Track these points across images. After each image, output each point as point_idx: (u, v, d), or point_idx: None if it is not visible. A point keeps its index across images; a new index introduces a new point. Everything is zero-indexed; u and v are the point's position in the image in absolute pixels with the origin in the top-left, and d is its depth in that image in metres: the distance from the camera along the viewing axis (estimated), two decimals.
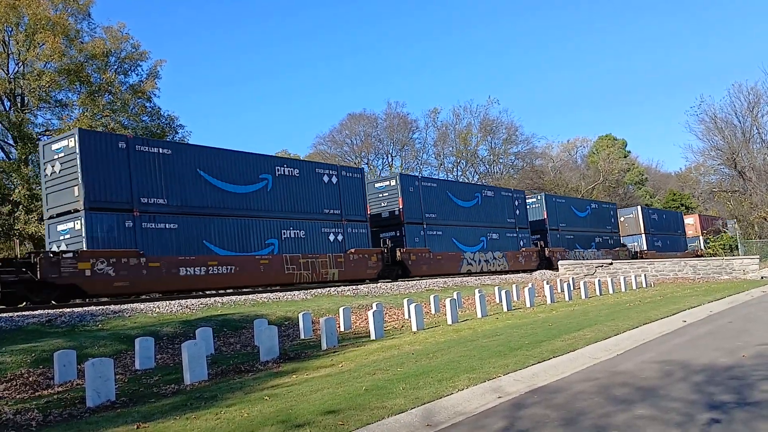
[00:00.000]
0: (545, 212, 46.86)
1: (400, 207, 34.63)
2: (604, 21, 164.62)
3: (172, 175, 24.14)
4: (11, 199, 37.38)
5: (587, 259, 45.45)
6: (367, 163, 73.01)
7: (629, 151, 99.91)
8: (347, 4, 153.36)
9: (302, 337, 15.74)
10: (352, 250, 30.69)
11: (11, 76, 39.73)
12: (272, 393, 8.35)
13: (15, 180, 37.96)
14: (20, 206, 37.20)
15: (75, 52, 41.08)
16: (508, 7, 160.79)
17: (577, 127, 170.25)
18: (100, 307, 19.04)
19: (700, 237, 66.58)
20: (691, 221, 69.11)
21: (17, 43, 39.23)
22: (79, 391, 9.69)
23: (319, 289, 25.34)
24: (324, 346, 13.28)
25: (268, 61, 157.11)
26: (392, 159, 75.69)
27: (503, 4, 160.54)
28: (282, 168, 28.58)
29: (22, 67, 40.09)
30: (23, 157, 38.61)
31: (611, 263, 36.19)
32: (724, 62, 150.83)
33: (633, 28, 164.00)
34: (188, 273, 23.84)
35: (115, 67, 44.12)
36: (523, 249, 43.13)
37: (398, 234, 34.60)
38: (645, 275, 30.35)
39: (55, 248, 22.07)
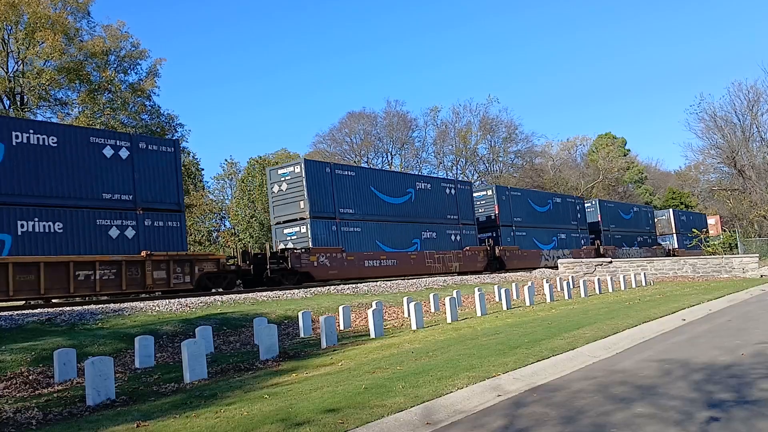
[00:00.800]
0: (599, 215, 55.56)
1: (496, 212, 42.88)
2: (604, 19, 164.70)
3: (357, 191, 33.12)
4: None
5: (632, 257, 50.90)
6: (366, 162, 72.98)
7: (629, 150, 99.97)
8: (347, 2, 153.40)
9: (302, 335, 15.75)
10: (467, 248, 38.93)
11: (11, 75, 39.75)
12: (272, 391, 8.36)
13: None
14: None
15: (74, 50, 41.11)
16: (507, 5, 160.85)
17: (576, 126, 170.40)
18: (100, 305, 19.06)
19: (721, 236, 68.76)
20: (712, 221, 73.11)
21: (17, 42, 39.27)
22: (79, 390, 9.70)
23: (318, 288, 25.37)
24: (324, 344, 13.29)
25: (267, 59, 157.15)
26: (392, 158, 75.74)
27: (502, 2, 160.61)
28: (420, 183, 37.48)
29: (21, 65, 40.12)
30: None
31: (611, 261, 36.21)
32: (723, 60, 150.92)
33: (632, 25, 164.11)
34: (369, 264, 32.38)
35: (115, 65, 44.17)
36: (584, 247, 50.81)
37: (495, 235, 42.49)
38: (645, 274, 30.37)
39: (282, 246, 30.28)
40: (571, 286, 24.72)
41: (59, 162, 21.59)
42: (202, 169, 63.60)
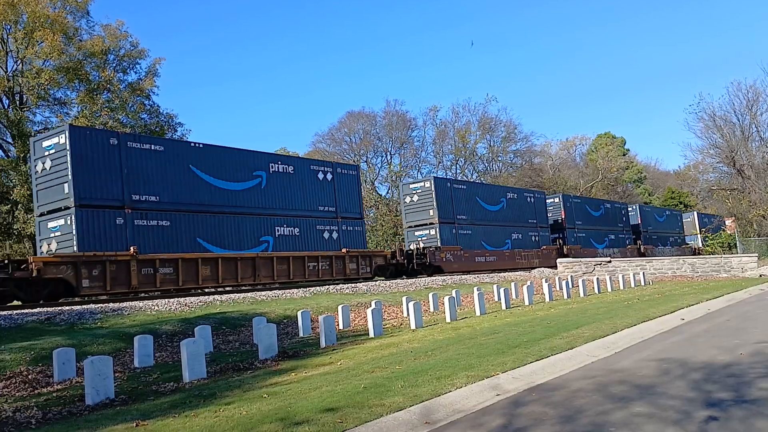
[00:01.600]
0: (639, 218, 61.83)
1: (563, 217, 50.35)
2: (603, 18, 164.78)
3: (468, 201, 40.50)
4: (10, 198, 37.35)
5: (666, 255, 56.52)
6: (365, 161, 72.98)
7: (628, 149, 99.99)
8: (346, 1, 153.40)
9: (301, 335, 15.75)
10: (544, 247, 46.05)
11: (10, 74, 39.72)
12: (271, 391, 8.36)
13: (13, 178, 37.92)
14: (19, 205, 37.18)
15: (74, 49, 41.08)
16: (506, 4, 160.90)
17: (575, 125, 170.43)
18: (99, 305, 19.06)
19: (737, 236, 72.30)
20: (729, 222, 75.28)
21: (16, 41, 39.23)
22: (79, 389, 9.70)
23: (318, 287, 25.38)
24: (323, 344, 13.30)
25: (266, 58, 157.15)
26: (391, 157, 75.69)
27: (501, 1, 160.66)
28: (509, 194, 44.83)
29: (20, 65, 40.10)
30: (22, 156, 38.60)
31: (609, 261, 36.24)
32: (722, 60, 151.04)
33: (632, 25, 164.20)
34: (479, 260, 39.48)
35: (114, 65, 44.14)
36: (629, 246, 58.03)
37: (562, 235, 49.82)
38: (643, 273, 30.39)
39: (413, 246, 36.72)
40: (570, 286, 24.73)
41: (295, 184, 29.43)
42: None
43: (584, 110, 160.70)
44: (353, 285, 26.80)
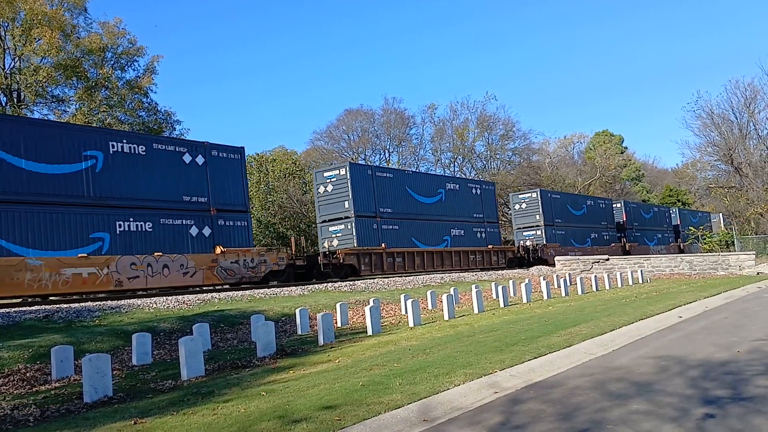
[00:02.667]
0: (679, 220, 70.50)
1: (624, 219, 59.88)
2: (601, 16, 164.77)
3: (563, 209, 51.26)
4: None
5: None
6: (364, 159, 72.95)
7: (626, 147, 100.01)
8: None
9: (299, 332, 15.76)
10: (613, 244, 56.25)
11: (8, 72, 39.65)
12: (269, 388, 8.37)
13: None
14: None
15: (71, 47, 41.01)
16: (504, 2, 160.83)
17: (573, 123, 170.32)
18: (98, 302, 19.06)
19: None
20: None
21: (14, 38, 39.16)
22: (77, 387, 9.70)
23: (316, 285, 25.39)
24: (321, 341, 13.31)
25: (264, 56, 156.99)
26: (389, 155, 75.67)
27: (498, 0, 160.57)
28: (589, 201, 56.53)
29: (18, 62, 40.02)
30: None
31: (608, 259, 36.25)
32: (721, 58, 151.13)
33: (630, 23, 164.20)
34: (573, 255, 43.88)
35: (112, 62, 44.07)
36: (672, 244, 67.23)
37: (624, 234, 59.18)
38: (641, 271, 30.41)
39: (522, 243, 47.19)
40: (569, 284, 24.76)
41: (461, 199, 41.03)
42: None
43: (582, 108, 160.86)
44: (351, 283, 26.82)
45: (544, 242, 46.73)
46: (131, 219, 23.06)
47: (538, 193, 48.66)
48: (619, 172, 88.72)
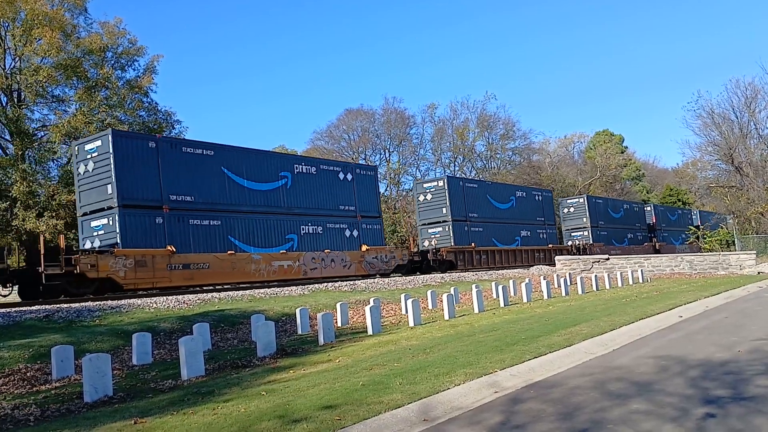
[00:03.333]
0: (699, 220, 72.49)
1: (654, 221, 67.46)
2: (602, 16, 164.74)
3: (607, 215, 58.69)
4: (10, 194, 37.29)
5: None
6: (364, 159, 72.97)
7: (626, 147, 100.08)
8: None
9: (299, 332, 15.76)
10: (646, 244, 63.77)
11: (8, 72, 39.63)
12: (269, 388, 8.37)
13: (12, 176, 37.85)
14: (18, 202, 37.14)
15: (72, 47, 40.95)
16: (505, 1, 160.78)
17: (574, 123, 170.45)
18: (98, 302, 19.06)
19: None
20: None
21: (14, 38, 39.14)
22: (77, 387, 9.70)
23: (316, 285, 25.40)
24: (321, 341, 13.30)
25: (264, 56, 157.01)
26: (389, 154, 75.70)
27: (499, 0, 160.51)
28: (625, 205, 64.07)
29: (18, 62, 40.00)
30: (20, 153, 38.54)
31: (608, 258, 36.25)
32: (721, 58, 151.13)
33: (631, 22, 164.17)
34: (615, 253, 48.85)
35: (112, 62, 44.03)
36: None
37: (654, 235, 66.80)
38: (642, 270, 30.39)
39: (573, 243, 52.82)
40: (569, 283, 24.75)
41: (529, 203, 48.91)
42: None
43: (582, 108, 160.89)
44: (352, 282, 26.82)
45: (591, 242, 53.59)
46: (309, 224, 30.26)
47: (585, 198, 56.26)
48: (619, 172, 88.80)
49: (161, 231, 24.29)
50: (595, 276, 26.90)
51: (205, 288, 25.66)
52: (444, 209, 40.25)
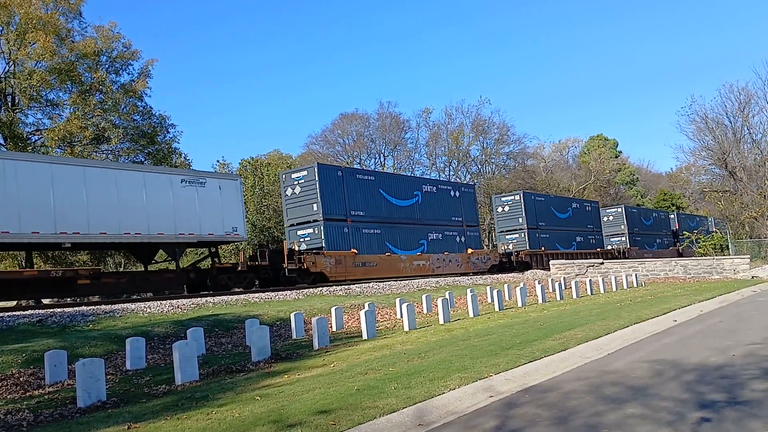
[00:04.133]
0: (714, 227, 75.77)
1: (677, 227, 72.98)
2: (594, 20, 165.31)
3: (640, 218, 67.08)
4: None
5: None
6: (359, 163, 72.98)
7: (620, 151, 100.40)
8: (339, 3, 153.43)
9: (294, 337, 15.73)
10: (671, 248, 68.67)
11: (2, 76, 39.50)
12: (264, 393, 8.34)
13: None
14: None
15: (66, 51, 40.81)
16: (497, 5, 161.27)
17: (568, 127, 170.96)
18: (92, 307, 18.99)
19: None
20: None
21: (8, 42, 38.99)
22: (70, 392, 9.66)
23: (311, 289, 25.35)
24: (316, 345, 13.28)
25: (259, 60, 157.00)
26: (384, 159, 75.71)
27: (493, 3, 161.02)
28: (656, 214, 71.02)
29: (12, 66, 39.86)
30: None
31: (602, 263, 36.32)
32: (715, 62, 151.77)
33: (623, 26, 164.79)
34: (647, 256, 53.24)
35: (107, 66, 43.90)
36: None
37: (676, 240, 71.50)
38: (636, 275, 30.46)
39: (614, 248, 59.49)
40: (563, 288, 24.78)
41: (583, 214, 57.68)
42: None
43: (576, 112, 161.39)
44: (346, 287, 26.78)
45: (628, 246, 60.77)
46: (433, 232, 38.58)
47: (623, 208, 63.19)
48: (613, 177, 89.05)
49: (347, 238, 32.46)
50: (590, 280, 26.94)
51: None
52: (520, 219, 48.56)
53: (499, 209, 50.85)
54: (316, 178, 31.69)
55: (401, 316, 17.28)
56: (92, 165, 23.48)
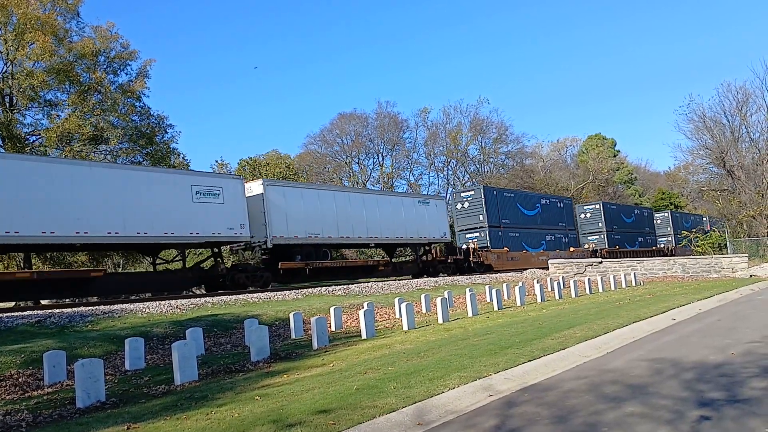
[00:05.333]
0: (671, 222, 79.18)
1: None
2: (592, 20, 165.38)
3: (680, 220, 73.74)
4: None
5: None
6: (357, 163, 73.02)
7: (618, 151, 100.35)
8: (337, 3, 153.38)
9: (293, 336, 15.72)
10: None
11: (0, 76, 39.46)
12: (263, 393, 8.34)
13: None
14: None
15: (64, 51, 40.77)
16: (496, 5, 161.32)
17: (566, 127, 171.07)
18: (90, 307, 18.98)
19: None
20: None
21: (6, 43, 38.94)
22: (69, 392, 9.65)
23: (310, 289, 25.35)
24: (315, 345, 13.27)
25: (257, 60, 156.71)
26: (383, 158, 75.72)
27: (492, 3, 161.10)
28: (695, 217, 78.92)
29: (10, 66, 39.81)
30: None
31: (601, 262, 36.33)
32: (713, 62, 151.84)
33: (622, 26, 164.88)
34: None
35: (105, 66, 43.85)
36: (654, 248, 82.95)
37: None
38: (635, 274, 30.47)
39: (663, 246, 69.76)
40: (562, 287, 24.78)
41: (647, 219, 69.76)
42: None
43: (575, 111, 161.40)
44: (345, 287, 26.79)
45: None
46: (548, 235, 49.65)
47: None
48: (611, 176, 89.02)
49: (500, 239, 43.63)
50: (588, 279, 26.94)
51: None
52: (600, 223, 58.11)
53: (582, 216, 58.63)
54: (482, 196, 43.59)
55: (400, 316, 17.28)
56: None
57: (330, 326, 16.46)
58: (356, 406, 6.89)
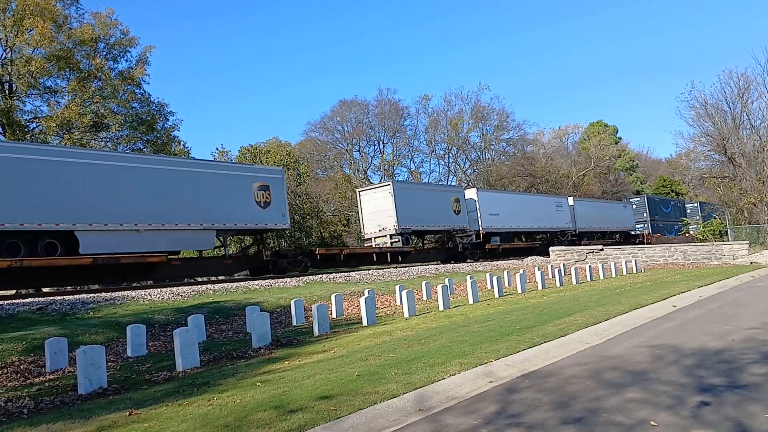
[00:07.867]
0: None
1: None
2: (595, 6, 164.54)
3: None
4: None
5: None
6: (358, 150, 72.88)
7: (620, 138, 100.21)
8: None
9: (294, 323, 15.76)
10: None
11: None
12: (265, 379, 8.36)
13: None
14: None
15: (63, 38, 40.64)
16: None
17: (568, 114, 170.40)
18: (92, 294, 19.01)
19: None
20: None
21: (5, 29, 38.80)
22: (71, 379, 9.68)
23: (311, 276, 25.39)
24: (316, 332, 13.31)
25: (259, 48, 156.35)
26: (384, 146, 75.52)
27: None
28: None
29: (10, 53, 39.68)
30: None
31: (602, 249, 36.33)
32: (715, 48, 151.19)
33: (624, 13, 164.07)
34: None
35: (104, 53, 43.74)
36: None
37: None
38: (635, 261, 30.48)
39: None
40: (563, 274, 24.81)
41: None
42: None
43: (576, 99, 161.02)
44: (346, 274, 26.82)
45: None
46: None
47: (698, 203, 69.70)
48: (613, 163, 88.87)
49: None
50: (589, 266, 26.95)
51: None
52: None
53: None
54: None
55: (401, 303, 17.31)
56: None
57: (331, 313, 16.50)
58: (357, 392, 6.90)
